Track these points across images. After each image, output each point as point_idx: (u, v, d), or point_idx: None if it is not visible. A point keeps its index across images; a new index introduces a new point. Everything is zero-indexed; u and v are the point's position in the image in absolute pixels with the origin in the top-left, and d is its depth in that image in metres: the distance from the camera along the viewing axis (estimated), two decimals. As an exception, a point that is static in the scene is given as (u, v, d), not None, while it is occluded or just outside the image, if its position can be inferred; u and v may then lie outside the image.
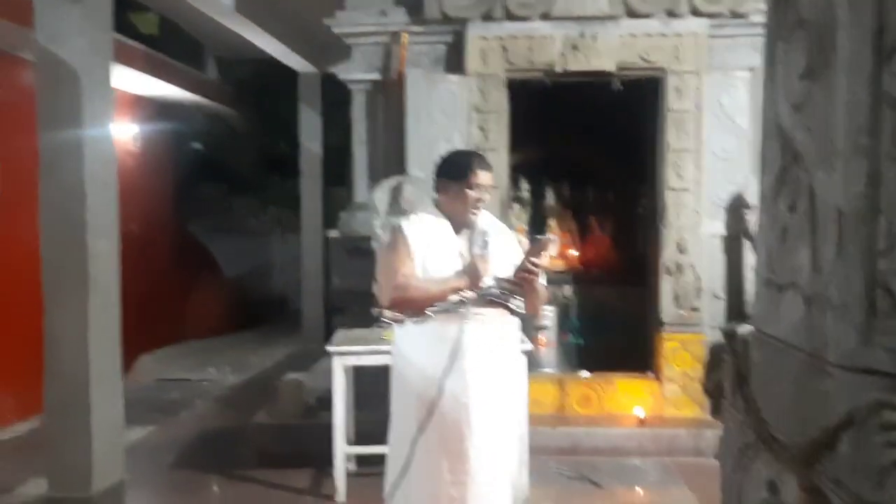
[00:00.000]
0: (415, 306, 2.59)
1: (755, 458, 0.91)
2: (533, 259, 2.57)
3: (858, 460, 0.75)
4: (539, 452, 4.27)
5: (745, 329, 1.06)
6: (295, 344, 8.20)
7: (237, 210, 10.17)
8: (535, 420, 4.44)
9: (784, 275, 0.91)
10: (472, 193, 2.64)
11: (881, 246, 0.77)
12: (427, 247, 2.63)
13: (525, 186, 5.97)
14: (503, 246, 2.73)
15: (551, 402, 4.83)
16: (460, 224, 2.70)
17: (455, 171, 2.67)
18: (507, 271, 2.63)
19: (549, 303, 5.39)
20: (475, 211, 2.67)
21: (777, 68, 0.93)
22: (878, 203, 0.77)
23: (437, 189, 2.73)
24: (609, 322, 5.41)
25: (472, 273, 2.55)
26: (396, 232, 2.70)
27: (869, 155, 0.77)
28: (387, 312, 2.72)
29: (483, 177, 2.67)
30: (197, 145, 9.87)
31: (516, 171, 5.82)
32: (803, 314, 0.87)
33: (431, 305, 2.57)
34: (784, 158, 0.91)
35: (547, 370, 5.19)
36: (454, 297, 2.58)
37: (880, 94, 0.76)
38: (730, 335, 1.11)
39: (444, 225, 2.69)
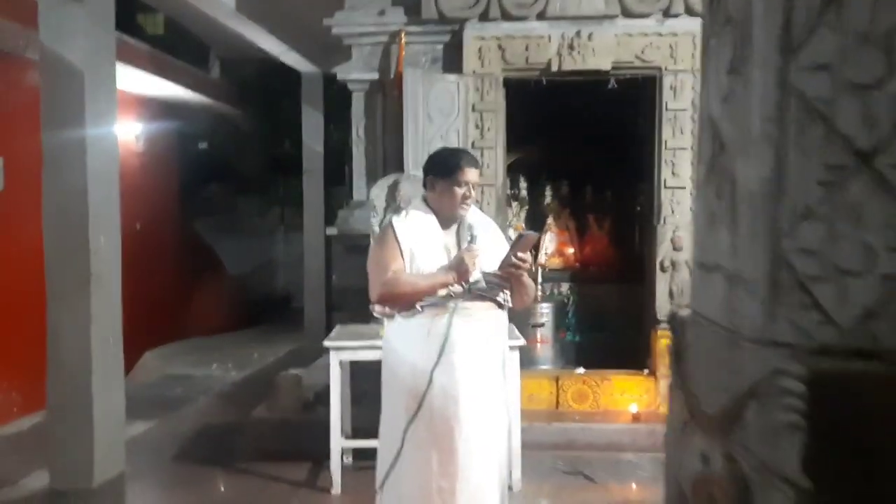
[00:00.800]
0: (404, 301, 2.64)
1: (692, 433, 0.97)
2: (518, 253, 2.62)
3: (761, 426, 0.81)
4: (534, 448, 4.31)
5: (684, 311, 1.11)
6: (297, 341, 8.27)
7: (241, 209, 10.26)
8: (530, 416, 4.49)
9: (711, 257, 0.98)
10: (459, 190, 2.68)
11: (785, 227, 0.83)
12: (416, 242, 2.68)
13: (523, 185, 6.02)
14: (491, 241, 2.78)
15: (547, 399, 4.88)
16: (448, 220, 2.75)
17: (443, 168, 2.72)
18: (495, 266, 2.68)
19: (546, 300, 5.45)
20: (463, 207, 2.71)
21: (710, 63, 0.99)
22: (783, 187, 0.83)
23: (426, 186, 2.78)
24: (606, 319, 5.45)
25: (459, 268, 2.60)
26: (386, 228, 2.76)
27: (775, 143, 0.83)
28: (377, 307, 2.78)
29: (470, 174, 2.71)
30: (201, 145, 9.97)
31: (515, 170, 5.88)
32: (725, 293, 0.93)
33: (420, 300, 2.62)
34: (713, 148, 0.97)
35: (543, 367, 5.23)
36: (442, 292, 2.63)
37: (787, 86, 0.82)
38: (671, 317, 1.16)
39: (433, 221, 2.74)
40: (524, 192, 6.00)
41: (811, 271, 0.82)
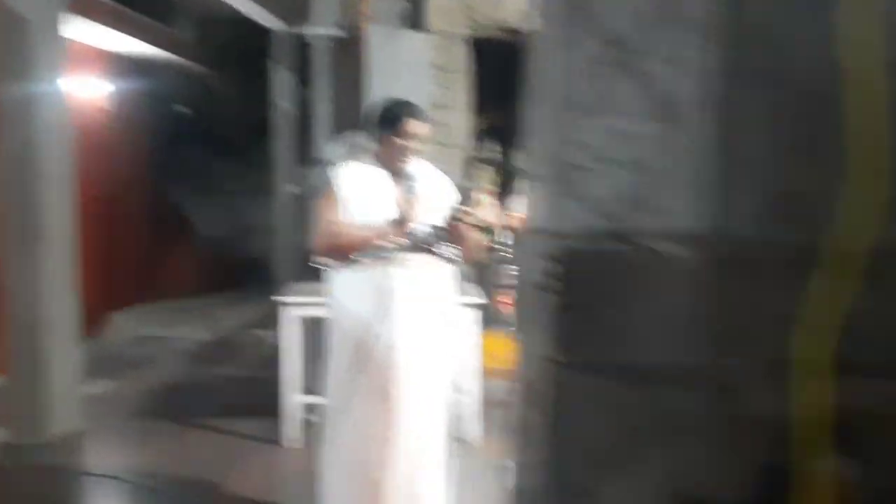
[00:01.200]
0: (343, 252, 2.63)
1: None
2: (462, 207, 2.61)
3: (539, 314, 0.87)
4: (494, 404, 4.36)
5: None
6: (270, 304, 8.26)
7: (213, 170, 10.13)
8: (490, 373, 4.53)
9: (531, 166, 1.07)
10: (400, 141, 2.66)
11: (561, 122, 0.92)
12: (359, 195, 2.66)
13: (495, 148, 5.99)
14: (438, 194, 2.76)
15: (508, 357, 4.90)
16: (395, 172, 2.73)
17: (387, 120, 2.69)
18: (441, 219, 2.67)
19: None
20: (406, 159, 2.69)
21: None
22: (558, 83, 0.91)
23: (374, 139, 2.76)
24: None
25: (398, 218, 2.59)
26: (327, 180, 2.73)
27: (551, 42, 0.93)
28: (319, 259, 2.77)
29: (415, 126, 2.68)
30: (173, 105, 9.81)
31: (489, 133, 5.84)
32: (535, 197, 1.01)
33: (360, 251, 2.61)
34: (532, 60, 1.04)
35: (507, 327, 5.26)
36: (384, 243, 2.61)
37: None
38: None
39: (379, 173, 2.72)
40: (497, 156, 5.98)
41: (579, 162, 0.88)
